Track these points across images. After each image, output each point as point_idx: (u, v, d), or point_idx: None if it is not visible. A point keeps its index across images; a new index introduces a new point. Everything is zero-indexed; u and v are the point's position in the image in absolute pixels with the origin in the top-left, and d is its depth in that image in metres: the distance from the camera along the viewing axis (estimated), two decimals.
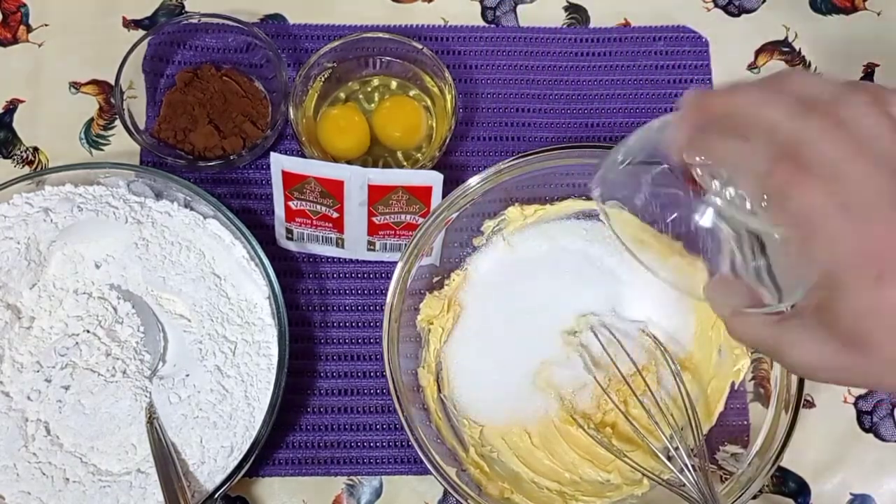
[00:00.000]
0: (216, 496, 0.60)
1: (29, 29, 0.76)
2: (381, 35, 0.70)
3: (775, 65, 0.78)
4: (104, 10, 0.76)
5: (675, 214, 0.43)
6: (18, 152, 0.73)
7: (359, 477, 0.67)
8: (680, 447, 0.59)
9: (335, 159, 0.70)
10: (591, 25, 0.78)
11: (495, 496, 0.62)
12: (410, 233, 0.67)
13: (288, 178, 0.64)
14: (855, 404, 0.70)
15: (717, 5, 0.79)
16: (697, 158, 0.40)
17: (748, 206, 0.39)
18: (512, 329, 0.67)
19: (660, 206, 0.43)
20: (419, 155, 0.71)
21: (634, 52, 0.77)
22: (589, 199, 0.69)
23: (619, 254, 0.68)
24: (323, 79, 0.72)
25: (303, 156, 0.69)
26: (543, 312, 0.67)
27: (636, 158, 0.45)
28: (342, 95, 0.73)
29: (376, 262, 0.70)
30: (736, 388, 0.66)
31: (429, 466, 0.60)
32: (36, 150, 0.73)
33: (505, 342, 0.67)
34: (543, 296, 0.68)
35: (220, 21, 0.72)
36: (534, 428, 0.66)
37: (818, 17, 0.79)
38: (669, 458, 0.60)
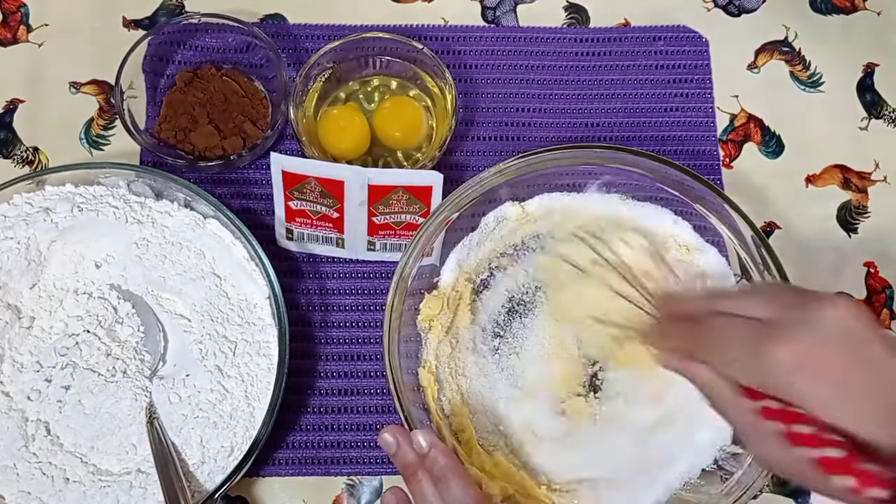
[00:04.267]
0: (216, 496, 0.60)
1: (29, 29, 0.76)
2: (381, 35, 0.70)
3: (775, 64, 0.78)
4: (104, 10, 0.77)
5: None
6: (18, 152, 0.73)
7: (359, 477, 0.67)
8: None
9: (335, 159, 0.70)
10: (591, 25, 0.78)
11: (496, 495, 0.62)
12: (410, 233, 0.67)
13: (288, 178, 0.64)
14: None
15: (717, 5, 0.79)
16: None
17: None
18: None
19: None
20: (419, 155, 0.71)
21: (634, 52, 0.77)
22: None
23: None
24: (323, 79, 0.72)
25: (303, 156, 0.69)
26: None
27: None
28: (342, 95, 0.73)
29: (376, 262, 0.70)
30: None
31: None
32: (36, 150, 0.73)
33: None
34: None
35: (220, 21, 0.72)
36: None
37: (818, 17, 0.79)
38: None
